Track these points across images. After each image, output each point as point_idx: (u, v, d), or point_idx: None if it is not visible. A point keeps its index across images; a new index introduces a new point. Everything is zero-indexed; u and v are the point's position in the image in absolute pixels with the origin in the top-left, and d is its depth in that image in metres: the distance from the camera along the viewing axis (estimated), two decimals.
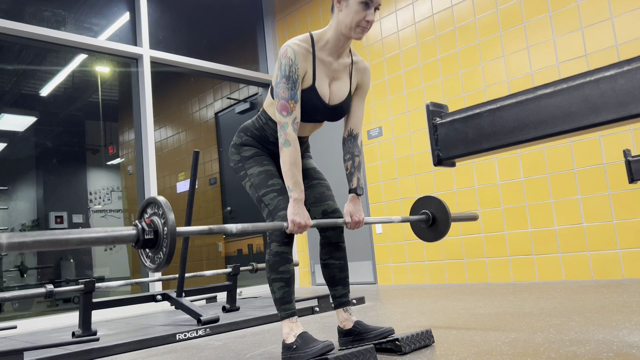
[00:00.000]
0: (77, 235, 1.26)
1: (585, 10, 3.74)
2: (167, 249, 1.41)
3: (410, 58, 4.84)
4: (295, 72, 1.83)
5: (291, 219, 1.76)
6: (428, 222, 2.27)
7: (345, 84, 1.99)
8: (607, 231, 3.58)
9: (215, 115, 6.74)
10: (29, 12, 4.66)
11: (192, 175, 3.08)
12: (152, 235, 1.43)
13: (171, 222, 1.41)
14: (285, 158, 1.81)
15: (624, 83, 0.82)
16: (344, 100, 1.99)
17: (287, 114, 1.82)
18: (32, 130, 6.77)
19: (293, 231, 1.77)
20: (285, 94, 1.82)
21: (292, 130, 1.82)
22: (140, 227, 1.42)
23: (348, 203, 2.00)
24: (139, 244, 1.41)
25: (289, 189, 1.81)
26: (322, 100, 1.91)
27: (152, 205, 1.49)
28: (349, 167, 2.04)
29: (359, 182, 2.03)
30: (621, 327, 1.96)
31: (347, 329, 2.02)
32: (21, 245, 1.16)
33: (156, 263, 1.45)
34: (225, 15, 6.30)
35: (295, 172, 1.81)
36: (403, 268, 4.80)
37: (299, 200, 1.80)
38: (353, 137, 2.05)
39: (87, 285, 2.82)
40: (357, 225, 1.98)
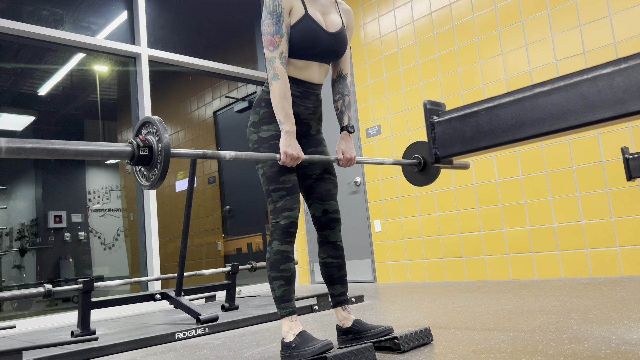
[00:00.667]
0: (74, 146, 1.29)
1: (584, 8, 3.74)
2: (162, 165, 1.44)
3: (408, 56, 4.84)
4: (279, 5, 1.86)
5: (284, 151, 1.80)
6: (419, 166, 2.27)
7: (336, 16, 2.04)
8: (606, 229, 3.58)
9: (213, 114, 6.74)
10: (27, 11, 4.65)
11: (191, 175, 3.08)
12: (147, 151, 1.46)
13: (165, 139, 1.45)
14: (275, 91, 1.84)
15: (622, 81, 0.82)
16: (341, 29, 2.02)
17: (274, 48, 1.86)
18: (31, 130, 6.76)
19: (285, 162, 1.81)
20: (270, 28, 1.86)
21: (280, 64, 1.85)
22: (136, 143, 1.45)
23: (340, 141, 2.05)
24: (134, 159, 1.45)
25: (280, 122, 1.84)
26: (320, 26, 1.94)
27: (148, 125, 1.52)
28: (340, 106, 2.09)
29: (350, 120, 2.08)
30: (620, 325, 1.96)
31: (346, 328, 2.02)
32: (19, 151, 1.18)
33: (150, 180, 1.48)
34: (224, 13, 6.29)
35: (286, 105, 1.85)
36: (402, 266, 4.81)
37: (291, 132, 1.84)
38: (342, 78, 2.11)
39: (86, 284, 2.82)
40: (349, 163, 2.02)
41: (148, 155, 1.47)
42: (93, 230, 7.20)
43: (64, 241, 6.61)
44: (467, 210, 4.33)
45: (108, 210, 7.49)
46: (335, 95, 2.11)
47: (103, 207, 7.45)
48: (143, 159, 1.46)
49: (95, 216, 7.34)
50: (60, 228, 6.61)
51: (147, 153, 1.46)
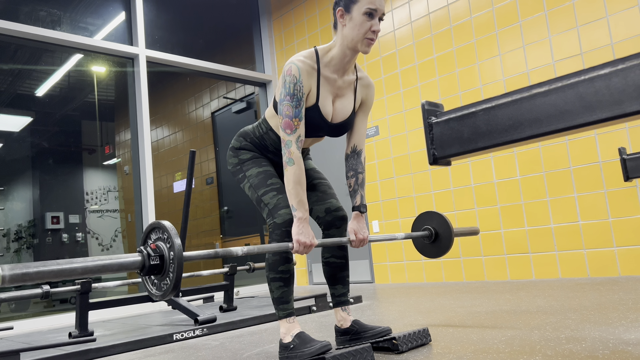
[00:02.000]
0: (81, 264, 1.24)
1: (581, 9, 3.75)
2: (175, 275, 1.36)
3: (406, 57, 4.85)
4: (300, 90, 1.80)
5: (296, 239, 1.74)
6: (431, 238, 2.26)
7: (349, 101, 1.96)
8: (603, 229, 3.59)
9: (211, 114, 6.74)
10: (25, 11, 4.65)
11: (189, 175, 3.07)
12: (158, 260, 1.39)
13: (177, 246, 1.37)
14: (290, 177, 1.78)
15: (619, 81, 0.82)
16: (348, 118, 1.96)
17: (292, 132, 1.80)
18: (28, 131, 6.75)
19: (299, 251, 1.75)
20: (289, 112, 1.80)
21: (296, 149, 1.79)
22: (146, 253, 1.38)
23: (352, 221, 1.99)
24: (144, 270, 1.38)
25: (293, 209, 1.78)
26: (324, 119, 1.89)
27: (157, 230, 1.45)
28: (352, 184, 2.01)
29: (362, 199, 2.00)
30: (617, 325, 1.97)
31: (345, 328, 2.02)
32: (24, 277, 1.13)
33: (162, 290, 1.41)
34: (221, 14, 6.29)
35: (300, 191, 1.78)
36: (400, 267, 4.81)
37: (304, 219, 1.77)
38: (356, 154, 2.03)
39: (84, 285, 2.81)
40: (362, 244, 1.96)
41: (159, 264, 1.39)
42: (91, 231, 7.19)
43: (61, 242, 6.60)
44: (465, 210, 4.34)
45: (106, 211, 7.47)
46: (349, 172, 2.02)
47: (101, 208, 7.44)
48: (154, 268, 1.39)
49: (92, 217, 7.32)
50: (58, 229, 6.60)
51: (158, 262, 1.39)
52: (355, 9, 1.80)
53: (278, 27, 6.13)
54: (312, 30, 5.71)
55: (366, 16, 1.79)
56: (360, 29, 1.80)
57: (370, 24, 1.80)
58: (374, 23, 1.80)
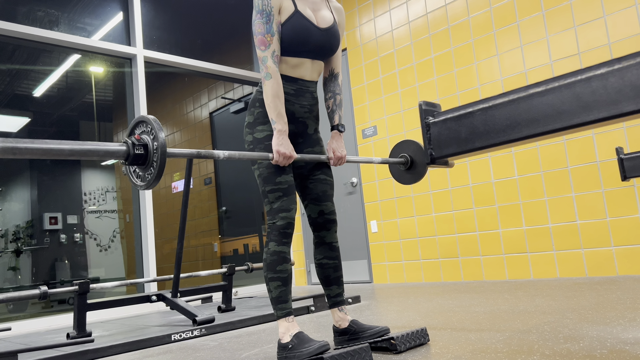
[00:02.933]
0: (68, 146, 1.29)
1: (578, 9, 3.76)
2: (158, 164, 1.42)
3: (404, 57, 4.85)
4: (268, 4, 1.87)
5: (276, 149, 1.81)
6: (406, 164, 2.27)
7: (327, 12, 2.03)
8: (601, 228, 3.59)
9: (209, 115, 6.73)
10: (22, 12, 4.64)
11: (187, 176, 3.07)
12: (142, 150, 1.44)
13: (161, 138, 1.43)
14: (267, 90, 1.85)
15: (615, 81, 0.82)
16: (333, 24, 2.02)
17: (265, 48, 1.86)
18: (26, 131, 6.74)
19: (278, 161, 1.81)
20: (260, 28, 1.87)
21: (272, 63, 1.86)
22: (131, 143, 1.43)
23: (331, 140, 2.06)
24: (129, 159, 1.42)
25: (273, 122, 1.85)
26: (310, 22, 1.94)
27: (142, 124, 1.50)
28: (331, 105, 2.09)
29: (340, 119, 2.10)
30: (615, 324, 1.97)
31: (343, 328, 2.02)
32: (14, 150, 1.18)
33: (146, 180, 1.46)
34: (220, 14, 6.28)
35: (278, 104, 1.85)
36: (398, 267, 4.81)
37: (283, 131, 1.84)
38: (334, 77, 2.12)
39: (82, 286, 2.81)
40: (340, 161, 2.04)
41: (143, 154, 1.44)
42: (89, 232, 7.18)
43: (59, 243, 6.59)
44: (463, 210, 4.34)
45: (104, 211, 7.46)
46: (327, 94, 2.12)
47: (99, 209, 7.43)
48: (138, 158, 1.44)
49: (91, 217, 7.31)
50: (56, 229, 6.59)
51: (142, 152, 1.44)
52: None
53: None
54: None
55: None
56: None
57: None
58: None
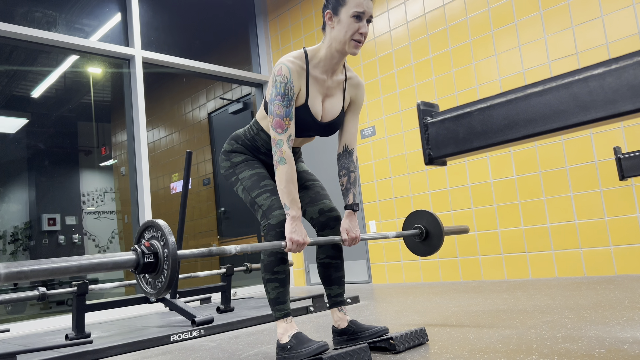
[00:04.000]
0: (76, 262, 1.25)
1: (576, 9, 3.77)
2: (169, 272, 1.37)
3: (402, 57, 4.85)
4: (291, 89, 1.83)
5: (289, 237, 1.75)
6: (421, 236, 2.27)
7: (338, 100, 1.99)
8: (599, 228, 3.60)
9: (208, 115, 6.73)
10: (20, 13, 4.63)
11: (186, 176, 3.07)
12: (152, 258, 1.39)
13: (172, 244, 1.37)
14: (282, 176, 1.80)
15: (612, 81, 0.82)
16: (337, 117, 1.99)
17: (282, 131, 1.81)
18: (24, 132, 6.73)
19: (292, 250, 1.76)
20: (280, 111, 1.82)
21: (287, 148, 1.81)
22: (140, 251, 1.38)
23: (344, 219, 1.99)
24: (138, 268, 1.37)
25: (286, 207, 1.80)
26: (314, 118, 1.91)
27: (151, 229, 1.45)
28: (345, 182, 2.03)
29: (355, 198, 2.02)
30: (613, 323, 1.97)
31: (342, 329, 2.02)
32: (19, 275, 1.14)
33: (157, 288, 1.42)
34: (218, 15, 6.28)
35: (292, 190, 1.80)
36: (397, 267, 4.82)
37: (296, 217, 1.78)
38: (348, 153, 2.05)
39: (80, 287, 2.80)
40: (354, 242, 1.97)
41: (154, 262, 1.39)
42: (87, 233, 7.17)
43: (58, 244, 6.58)
44: (462, 210, 4.35)
45: (102, 212, 7.46)
46: (341, 171, 2.04)
47: (97, 210, 7.42)
48: (148, 266, 1.39)
49: (89, 218, 7.31)
50: (54, 231, 6.59)
51: (152, 260, 1.39)
52: (343, 12, 1.82)
53: (274, 27, 6.13)
54: (308, 31, 5.71)
55: (354, 19, 1.81)
56: (347, 31, 1.83)
57: (358, 26, 1.82)
58: (362, 25, 1.82)
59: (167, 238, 1.38)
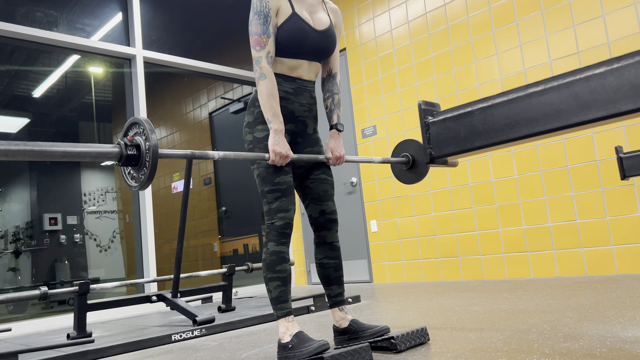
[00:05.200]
0: (61, 148, 1.31)
1: (577, 8, 3.76)
2: (150, 165, 1.44)
3: (403, 57, 4.85)
4: (266, 5, 1.89)
5: (272, 149, 1.81)
6: (408, 164, 2.27)
7: (324, 15, 2.06)
8: (601, 227, 3.60)
9: (209, 115, 6.73)
10: (21, 12, 4.64)
11: (187, 176, 3.07)
12: (134, 150, 1.46)
13: (153, 139, 1.45)
14: (262, 90, 1.86)
15: (613, 80, 0.82)
16: (329, 27, 2.04)
17: (261, 48, 1.88)
18: (25, 132, 6.73)
19: (275, 161, 1.81)
20: (257, 29, 1.88)
21: (267, 63, 1.87)
22: (123, 143, 1.46)
23: (329, 139, 2.07)
24: (122, 160, 1.45)
25: (268, 121, 1.86)
26: (307, 24, 1.96)
27: (135, 126, 1.53)
28: (329, 104, 2.11)
29: (339, 118, 2.11)
30: (615, 323, 1.97)
31: (343, 328, 2.03)
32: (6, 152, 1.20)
33: (140, 181, 1.49)
34: (219, 15, 6.28)
35: (273, 103, 1.86)
36: (398, 266, 4.81)
37: (279, 130, 1.84)
38: (332, 77, 2.14)
39: (82, 286, 2.81)
40: (338, 161, 2.04)
41: (136, 154, 1.47)
42: (89, 232, 7.18)
43: (59, 243, 6.59)
44: (463, 210, 4.34)
45: (104, 212, 7.46)
46: (325, 94, 2.13)
47: (98, 209, 7.43)
48: (131, 158, 1.46)
49: (90, 218, 7.31)
50: (56, 230, 6.59)
51: (134, 152, 1.46)
52: None
53: None
54: None
55: None
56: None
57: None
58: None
59: (149, 133, 1.46)
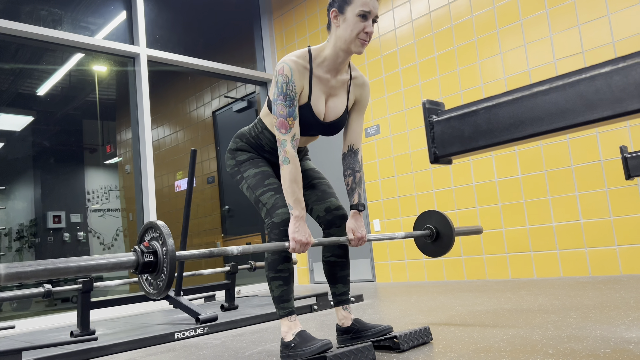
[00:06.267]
0: (76, 263, 1.27)
1: (582, 7, 3.75)
2: (168, 272, 1.40)
3: (407, 56, 4.84)
4: (293, 89, 1.82)
5: (292, 237, 1.76)
6: (432, 237, 2.26)
7: (342, 100, 1.98)
8: (605, 228, 3.58)
9: (212, 113, 6.74)
10: (26, 11, 4.65)
11: (190, 174, 3.07)
12: (152, 257, 1.42)
13: (170, 244, 1.41)
14: (286, 175, 1.80)
15: (619, 80, 0.82)
16: (340, 117, 1.98)
17: (286, 132, 1.82)
18: (30, 130, 6.76)
19: (295, 250, 1.76)
20: (283, 111, 1.82)
21: (292, 148, 1.81)
22: (140, 251, 1.42)
23: (350, 219, 1.99)
24: (139, 268, 1.41)
25: (290, 207, 1.80)
26: (316, 118, 1.91)
27: (151, 230, 1.49)
28: (350, 182, 2.02)
29: (360, 198, 2.02)
30: (619, 323, 1.97)
31: (346, 327, 2.02)
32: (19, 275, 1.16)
33: (158, 288, 1.45)
34: (222, 13, 6.29)
35: (296, 190, 1.80)
36: (401, 265, 4.81)
37: (300, 217, 1.79)
38: (353, 153, 2.04)
39: (85, 284, 2.82)
40: (360, 242, 1.96)
41: (153, 261, 1.43)
42: (92, 230, 7.20)
43: (63, 241, 6.61)
44: (466, 209, 4.34)
45: (107, 210, 7.49)
46: (346, 171, 2.04)
47: (102, 207, 7.45)
48: (148, 265, 1.43)
49: (94, 216, 7.34)
50: (59, 228, 6.61)
51: (152, 259, 1.42)
52: (349, 10, 1.82)
53: (279, 26, 6.13)
54: (313, 29, 5.71)
55: (360, 17, 1.81)
56: (353, 30, 1.82)
57: (364, 25, 1.81)
58: (367, 25, 1.82)
59: (166, 239, 1.42)
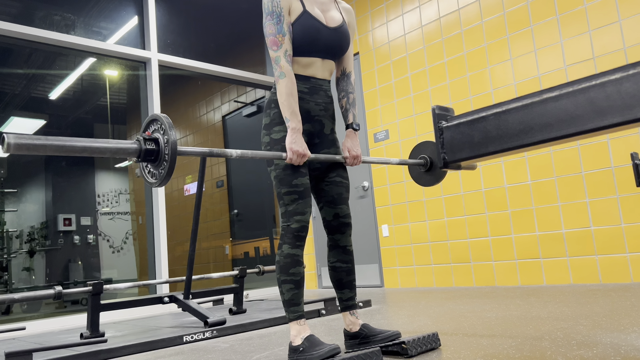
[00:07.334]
0: (82, 143, 1.32)
1: (593, 13, 3.73)
2: (169, 160, 1.45)
3: (417, 61, 4.84)
4: (277, 5, 1.90)
5: (289, 147, 1.82)
6: (426, 166, 2.26)
7: (336, 13, 2.06)
8: (615, 235, 3.55)
9: (222, 118, 6.77)
10: (39, 16, 4.71)
11: (200, 179, 3.09)
12: (153, 145, 1.47)
13: (172, 135, 1.46)
14: (282, 89, 1.87)
15: (630, 86, 0.82)
16: (342, 24, 2.04)
17: (278, 48, 1.89)
18: (42, 133, 6.82)
19: (292, 160, 1.82)
20: (272, 29, 1.90)
21: (285, 62, 1.88)
22: (142, 139, 1.47)
23: (345, 139, 2.07)
24: (141, 155, 1.46)
25: (287, 119, 1.87)
26: (319, 21, 1.96)
27: (154, 122, 1.54)
28: (344, 104, 2.12)
29: (355, 118, 2.11)
30: (629, 331, 1.95)
31: (354, 332, 2.02)
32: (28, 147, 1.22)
33: (159, 177, 1.50)
34: (233, 18, 6.33)
35: (292, 102, 1.87)
36: (410, 271, 4.80)
37: (297, 129, 1.85)
38: (346, 76, 2.14)
39: (95, 287, 2.84)
40: (355, 160, 2.03)
41: (155, 149, 1.47)
42: (102, 233, 7.25)
43: (73, 244, 6.66)
44: (476, 215, 4.32)
45: (117, 213, 7.53)
46: (340, 94, 2.14)
47: (112, 210, 7.50)
48: (150, 153, 1.47)
49: (104, 219, 7.39)
50: (70, 231, 6.66)
51: (153, 147, 1.47)
52: None
53: None
54: None
55: None
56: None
57: None
58: None
59: (168, 129, 1.47)
